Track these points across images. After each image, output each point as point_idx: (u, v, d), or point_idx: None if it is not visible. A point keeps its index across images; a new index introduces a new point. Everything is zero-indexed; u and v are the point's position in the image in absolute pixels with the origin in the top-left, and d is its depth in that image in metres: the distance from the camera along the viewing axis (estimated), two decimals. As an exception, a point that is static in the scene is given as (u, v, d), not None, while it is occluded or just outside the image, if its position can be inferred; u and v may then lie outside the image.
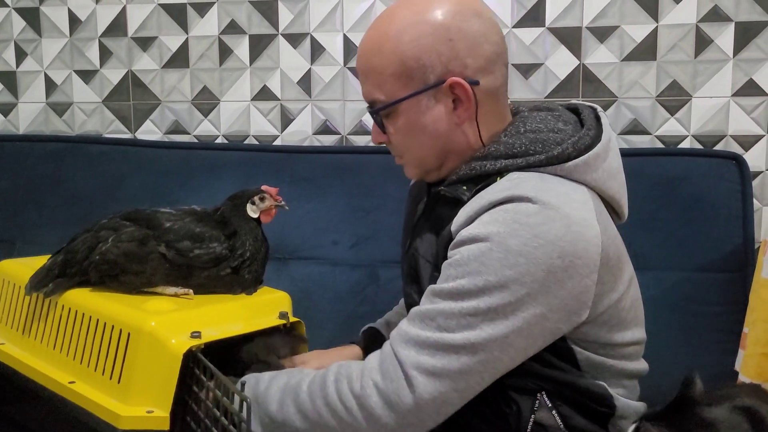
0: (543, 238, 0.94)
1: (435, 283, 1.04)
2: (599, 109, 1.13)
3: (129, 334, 1.10)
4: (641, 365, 1.13)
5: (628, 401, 1.09)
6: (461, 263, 0.97)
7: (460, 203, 1.05)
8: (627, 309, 1.07)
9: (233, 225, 1.26)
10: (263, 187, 1.29)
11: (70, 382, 1.15)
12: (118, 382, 1.10)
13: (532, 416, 1.03)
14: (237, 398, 1.00)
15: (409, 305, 1.15)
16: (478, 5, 1.08)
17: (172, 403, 1.05)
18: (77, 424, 1.12)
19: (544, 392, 1.03)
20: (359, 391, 0.98)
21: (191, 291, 1.25)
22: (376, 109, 1.09)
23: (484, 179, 1.05)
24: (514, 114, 1.16)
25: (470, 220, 1.00)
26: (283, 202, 1.31)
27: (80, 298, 1.22)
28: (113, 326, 1.13)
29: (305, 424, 1.02)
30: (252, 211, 1.28)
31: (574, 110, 1.14)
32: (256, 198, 1.29)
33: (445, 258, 1.02)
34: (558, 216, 0.95)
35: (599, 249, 0.98)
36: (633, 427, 0.99)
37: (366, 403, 0.97)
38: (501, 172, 1.04)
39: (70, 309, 1.21)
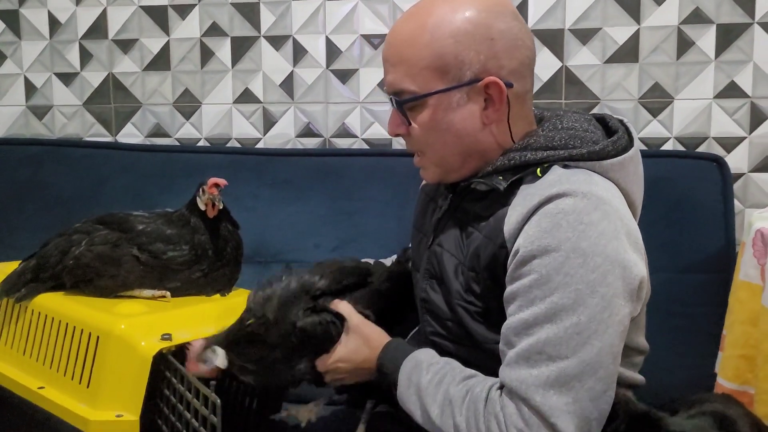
0: (607, 234, 0.95)
1: (470, 277, 1.03)
2: (626, 120, 1.13)
3: (98, 337, 1.09)
4: (640, 378, 1.14)
5: None
6: (544, 281, 0.94)
7: (489, 196, 1.05)
8: (644, 310, 1.09)
9: (192, 223, 1.25)
10: (210, 180, 1.28)
11: (39, 388, 1.14)
12: (88, 386, 1.08)
13: None
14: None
15: (423, 300, 1.15)
16: (515, 9, 1.07)
17: (142, 407, 1.04)
18: (46, 430, 1.10)
19: None
20: None
21: (168, 293, 1.24)
22: (403, 99, 1.06)
23: (522, 170, 1.04)
24: (540, 119, 1.16)
25: (524, 219, 0.98)
26: (215, 196, 1.28)
27: (50, 302, 1.21)
28: (83, 330, 1.11)
29: None
30: (201, 204, 1.28)
31: (601, 119, 1.15)
32: (200, 190, 1.28)
33: (493, 261, 1.01)
34: (611, 210, 0.97)
35: (641, 240, 1.01)
36: None
37: None
38: (541, 164, 1.04)
39: (39, 313, 1.20)
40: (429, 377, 1.03)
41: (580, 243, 0.93)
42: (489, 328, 1.04)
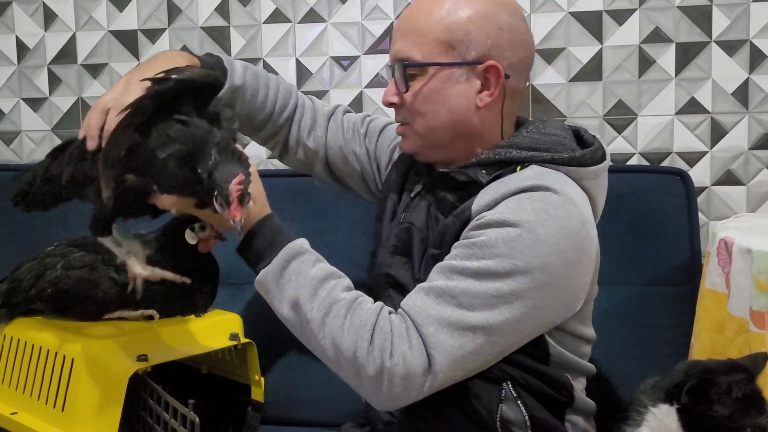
0: (565, 230, 1.01)
1: (431, 256, 1.08)
2: (598, 137, 1.20)
3: (72, 360, 1.08)
4: (591, 366, 1.20)
5: (584, 397, 1.16)
6: (488, 245, 1.00)
7: (466, 188, 1.10)
8: (591, 304, 1.17)
9: (171, 245, 1.24)
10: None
11: (12, 414, 1.12)
12: (62, 410, 1.07)
13: (500, 407, 1.06)
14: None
15: (387, 275, 1.18)
16: (524, 13, 1.16)
17: (118, 430, 1.03)
18: (20, 456, 1.09)
19: (509, 381, 1.07)
20: (390, 357, 0.98)
21: (156, 313, 1.22)
22: (408, 64, 1.11)
23: (505, 166, 1.10)
24: (519, 124, 1.22)
25: (495, 202, 1.04)
26: (222, 234, 1.22)
27: (22, 326, 1.20)
28: (56, 353, 1.10)
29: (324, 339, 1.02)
30: (190, 238, 1.22)
31: (575, 131, 1.21)
32: (196, 225, 1.21)
33: (457, 237, 1.06)
34: (577, 212, 1.03)
35: (596, 248, 1.09)
36: None
37: (392, 370, 0.98)
38: (524, 162, 1.09)
39: (12, 338, 1.18)
40: (313, 269, 1.05)
41: (538, 229, 1.00)
42: None
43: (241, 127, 1.32)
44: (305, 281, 1.03)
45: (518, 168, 1.09)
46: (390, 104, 1.16)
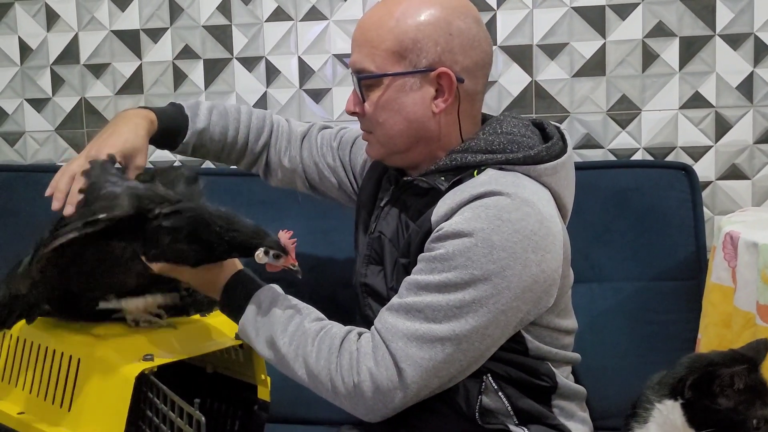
0: (521, 233, 1.02)
1: (401, 266, 1.11)
2: (563, 128, 1.20)
3: (79, 360, 1.08)
4: (576, 355, 1.21)
5: (569, 382, 1.17)
6: (447, 258, 1.03)
7: (430, 194, 1.11)
8: (568, 295, 1.17)
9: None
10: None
11: (19, 413, 1.12)
12: (69, 410, 1.08)
13: (479, 399, 1.08)
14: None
15: (363, 284, 1.21)
16: (479, 15, 1.16)
17: (125, 429, 1.03)
18: (27, 456, 1.09)
19: (489, 374, 1.09)
20: (357, 375, 1.04)
21: (163, 312, 1.22)
22: (361, 76, 1.14)
23: (463, 171, 1.11)
24: (484, 120, 1.22)
25: (452, 212, 1.05)
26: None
27: (28, 326, 1.20)
28: (63, 353, 1.11)
29: (303, 372, 1.08)
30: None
31: (539, 125, 1.21)
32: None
33: (421, 247, 1.08)
34: (533, 212, 1.04)
35: (562, 243, 1.09)
36: None
37: (361, 387, 1.04)
38: (480, 166, 1.11)
39: (18, 338, 1.19)
40: (282, 309, 1.10)
41: (492, 236, 1.01)
42: None
43: (222, 159, 1.44)
44: (275, 320, 1.10)
45: (475, 172, 1.10)
46: (353, 113, 1.19)
